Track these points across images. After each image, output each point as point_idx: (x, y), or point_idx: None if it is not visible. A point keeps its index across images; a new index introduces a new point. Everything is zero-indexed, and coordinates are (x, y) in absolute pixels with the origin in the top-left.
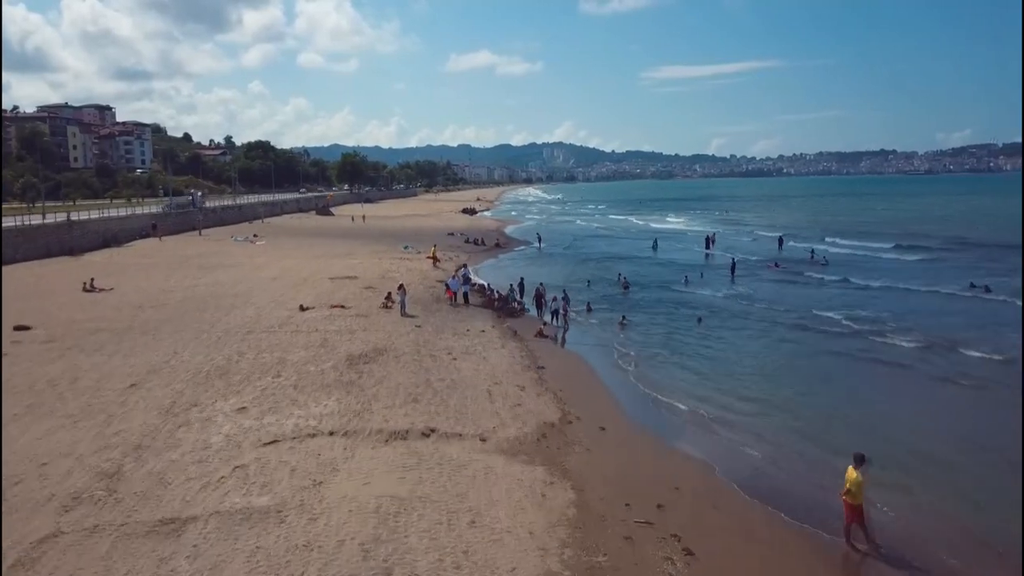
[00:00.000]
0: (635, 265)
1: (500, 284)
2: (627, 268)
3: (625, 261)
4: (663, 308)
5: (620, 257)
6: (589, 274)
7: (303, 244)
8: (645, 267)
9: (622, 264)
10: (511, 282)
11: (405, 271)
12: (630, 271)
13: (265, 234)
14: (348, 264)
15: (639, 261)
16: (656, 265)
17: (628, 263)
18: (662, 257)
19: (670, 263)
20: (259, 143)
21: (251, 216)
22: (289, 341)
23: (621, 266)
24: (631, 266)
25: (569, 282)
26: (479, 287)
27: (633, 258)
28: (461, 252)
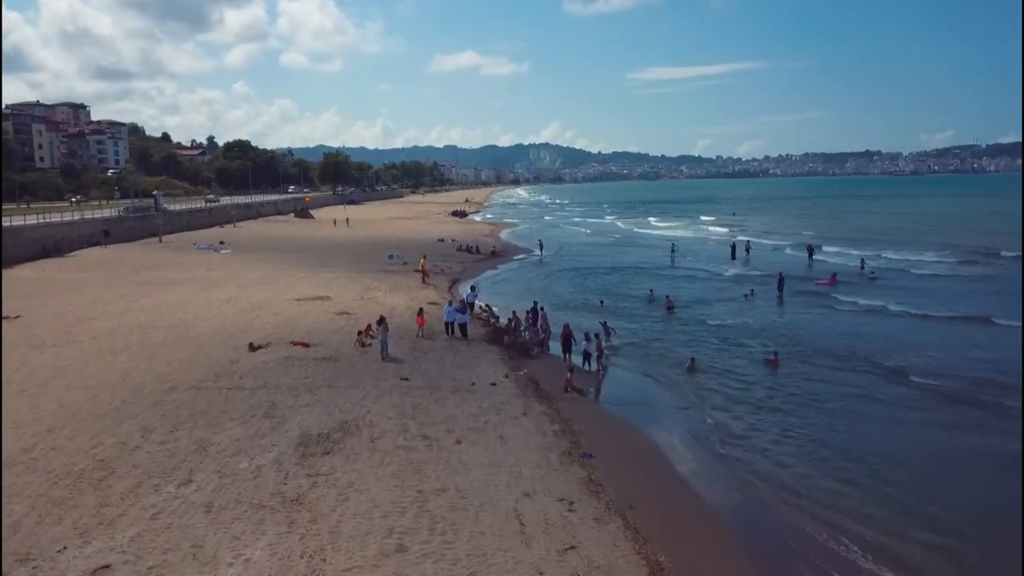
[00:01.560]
0: (657, 279)
1: (505, 305)
2: (650, 283)
3: (643, 273)
4: (720, 341)
5: (636, 267)
6: (603, 289)
7: (274, 253)
8: (670, 281)
9: (640, 277)
10: (521, 308)
11: (388, 288)
12: (655, 287)
13: (235, 240)
14: (322, 280)
15: (659, 273)
16: (684, 279)
17: (648, 276)
18: (684, 267)
19: (696, 275)
20: (238, 142)
21: (223, 220)
22: (222, 406)
23: (641, 280)
24: (652, 280)
25: (581, 299)
26: (485, 312)
27: (651, 269)
28: (454, 262)
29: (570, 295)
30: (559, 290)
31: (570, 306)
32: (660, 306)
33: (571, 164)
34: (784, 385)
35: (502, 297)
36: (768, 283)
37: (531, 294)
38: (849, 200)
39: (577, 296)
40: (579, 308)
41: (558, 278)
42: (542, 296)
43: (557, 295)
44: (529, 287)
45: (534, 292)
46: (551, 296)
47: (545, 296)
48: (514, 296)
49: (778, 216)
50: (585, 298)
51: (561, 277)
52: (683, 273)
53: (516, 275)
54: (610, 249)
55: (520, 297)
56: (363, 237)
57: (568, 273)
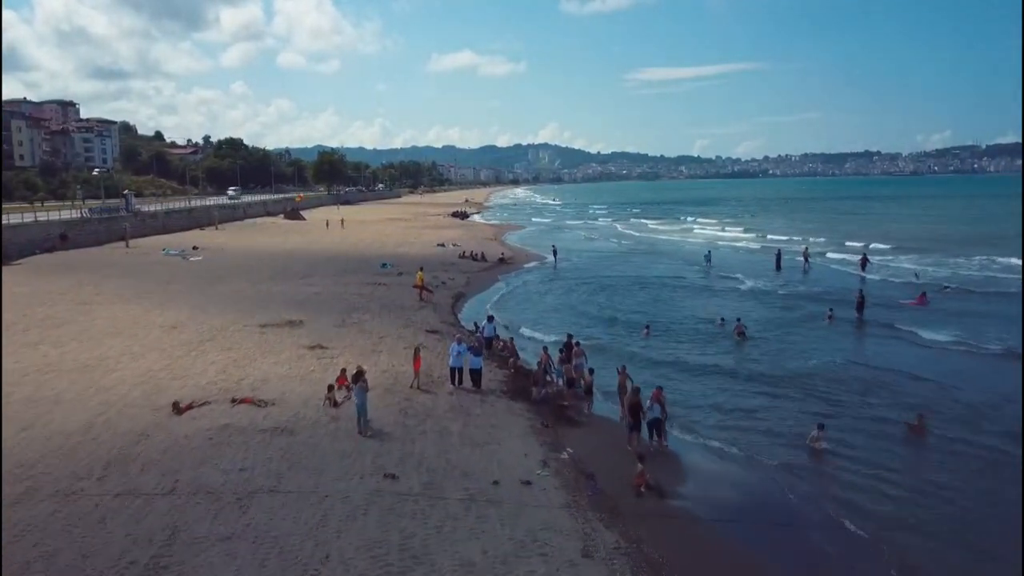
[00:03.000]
0: (698, 295)
1: (523, 331)
2: (691, 300)
3: (679, 288)
4: (829, 389)
5: (668, 280)
6: (640, 308)
7: (251, 261)
8: (720, 300)
9: (678, 293)
10: (543, 332)
11: (378, 308)
12: (699, 305)
13: (211, 245)
14: (298, 296)
15: (698, 288)
16: (733, 296)
17: (687, 292)
18: (725, 281)
19: (744, 291)
20: (230, 140)
21: (204, 221)
22: (83, 542)
23: (681, 297)
24: (693, 297)
25: (616, 322)
26: (503, 347)
27: (686, 283)
28: (457, 272)
29: (601, 316)
30: (585, 308)
31: (606, 333)
32: (727, 334)
33: (570, 164)
34: (960, 478)
35: (517, 317)
36: (826, 300)
37: (555, 316)
38: (867, 202)
39: (609, 317)
40: (618, 337)
41: (580, 294)
42: (566, 318)
43: (584, 316)
44: (549, 305)
45: (556, 312)
46: (578, 319)
47: (570, 319)
48: (533, 317)
49: (800, 218)
50: (621, 321)
51: (583, 292)
52: (726, 287)
53: (531, 289)
54: (633, 257)
55: (542, 321)
56: (355, 241)
57: (590, 287)
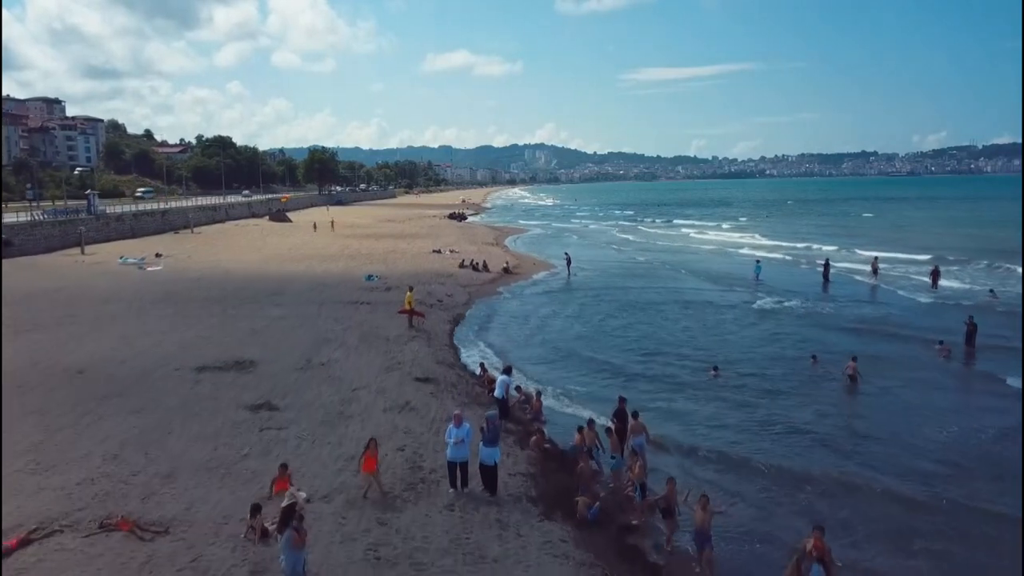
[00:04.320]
0: (752, 317)
1: (546, 381)
2: (754, 328)
3: (725, 306)
4: None
5: (706, 296)
6: (688, 340)
7: (214, 273)
8: (794, 327)
9: (723, 312)
10: (580, 389)
11: (356, 340)
12: (762, 333)
13: (180, 251)
14: (261, 317)
15: (745, 307)
16: (800, 323)
17: (738, 313)
18: (769, 296)
19: (799, 312)
20: (218, 139)
21: (179, 224)
22: None
23: (732, 320)
24: (750, 320)
25: (657, 356)
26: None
27: (729, 298)
28: (455, 285)
29: (640, 348)
30: (616, 335)
31: (654, 375)
32: (825, 377)
33: (566, 164)
34: None
35: (531, 352)
36: (909, 326)
37: (581, 348)
38: (877, 203)
39: (651, 351)
40: (672, 381)
41: (605, 315)
42: (597, 352)
43: (619, 348)
44: (571, 332)
45: (582, 341)
46: (611, 352)
47: (602, 352)
48: (552, 351)
49: (818, 222)
50: (668, 354)
51: (608, 313)
52: (776, 306)
53: (543, 309)
54: (658, 268)
55: (565, 357)
56: (341, 246)
57: (614, 306)
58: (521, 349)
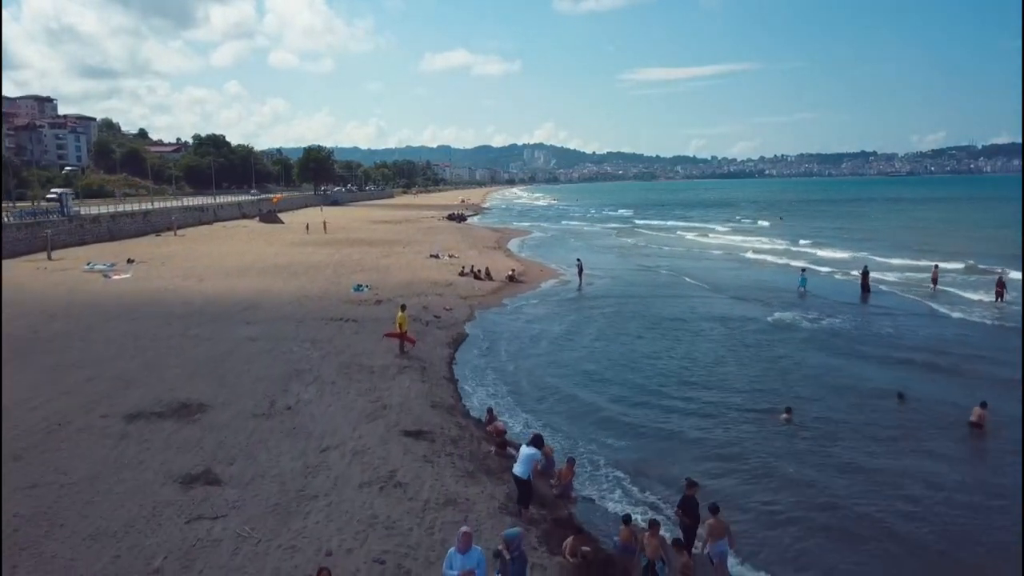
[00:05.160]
0: (798, 339)
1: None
2: (815, 355)
3: (772, 328)
4: None
5: (745, 310)
6: (738, 365)
7: (187, 282)
8: (823, 351)
9: (772, 335)
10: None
11: (335, 371)
12: (829, 363)
13: (155, 256)
14: (225, 339)
15: (792, 327)
16: (844, 349)
17: (785, 334)
18: (806, 311)
19: (852, 337)
20: (211, 137)
21: (162, 225)
22: None
23: (783, 342)
24: (799, 343)
25: (701, 390)
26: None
27: (771, 315)
28: (454, 296)
29: (681, 378)
30: (645, 361)
31: (704, 415)
32: (925, 421)
33: (565, 164)
34: None
35: (551, 389)
36: (990, 353)
37: (609, 378)
38: (886, 204)
39: (696, 382)
40: (729, 426)
41: (629, 335)
42: (633, 389)
43: (661, 385)
44: (594, 361)
45: (615, 369)
46: (652, 391)
47: (639, 389)
48: (573, 387)
49: (834, 225)
50: (713, 387)
51: (633, 332)
52: (838, 329)
53: (556, 326)
54: (679, 279)
55: (590, 397)
56: (329, 252)
57: (638, 323)
58: (536, 383)
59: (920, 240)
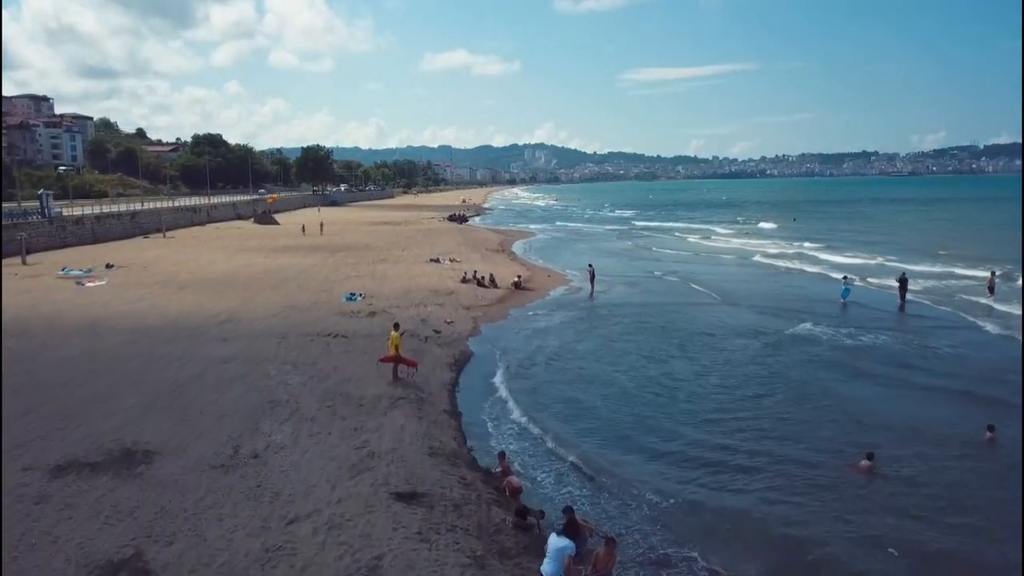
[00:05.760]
0: (875, 367)
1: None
2: (880, 380)
3: (813, 340)
4: None
5: (777, 323)
6: (801, 409)
7: (166, 291)
8: (879, 384)
9: (815, 349)
10: None
11: (315, 405)
12: (901, 394)
13: (135, 262)
14: (196, 361)
15: (860, 350)
16: (934, 373)
17: (856, 360)
18: (884, 334)
19: (934, 357)
20: (208, 136)
21: (151, 227)
22: None
23: (826, 357)
24: (874, 372)
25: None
26: None
27: (820, 333)
28: (456, 306)
29: (731, 424)
30: (694, 399)
31: (779, 476)
32: None
33: (566, 164)
34: None
35: (574, 431)
36: None
37: (646, 421)
38: (897, 205)
39: (748, 421)
40: (825, 489)
41: (663, 362)
42: (671, 434)
43: (703, 422)
44: (621, 391)
45: (647, 412)
46: (694, 431)
47: (679, 430)
48: (602, 435)
49: (849, 227)
50: (779, 434)
51: (665, 354)
52: (892, 348)
53: (572, 343)
54: (699, 287)
55: (625, 450)
56: (322, 257)
57: (666, 342)
58: (556, 417)
59: (940, 243)
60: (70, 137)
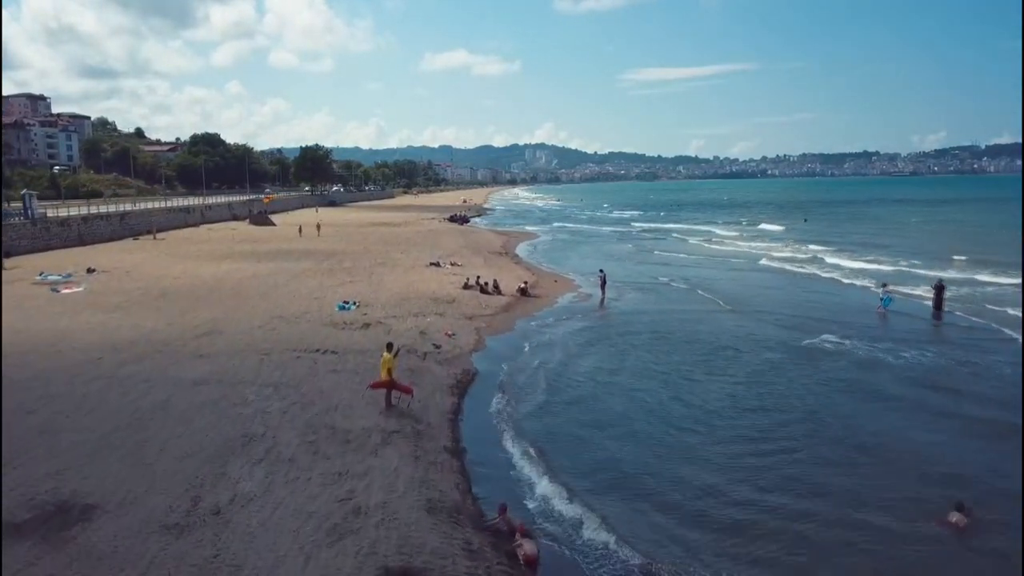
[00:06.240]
0: (937, 393)
1: None
2: (946, 408)
3: (866, 362)
4: None
5: (809, 335)
6: (873, 448)
7: (146, 299)
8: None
9: (866, 371)
10: None
11: (295, 441)
12: (969, 425)
13: (119, 267)
14: (165, 382)
15: (920, 373)
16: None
17: (917, 386)
18: (934, 352)
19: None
20: (205, 136)
21: (141, 228)
22: None
23: (885, 380)
24: (940, 400)
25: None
26: None
27: (862, 351)
28: (457, 316)
29: (789, 472)
30: (735, 437)
31: (855, 534)
32: None
33: (567, 164)
34: None
35: (596, 484)
36: None
37: (689, 464)
38: (906, 206)
39: (805, 465)
40: (914, 555)
41: (692, 383)
42: (715, 491)
43: (753, 471)
44: (648, 424)
45: (687, 452)
46: (745, 486)
47: (727, 486)
48: (628, 489)
49: (868, 229)
50: (847, 487)
51: (686, 372)
52: (952, 371)
53: (586, 359)
54: (718, 296)
55: (662, 511)
56: (316, 261)
57: (689, 356)
58: (574, 452)
59: (955, 246)
60: (66, 137)
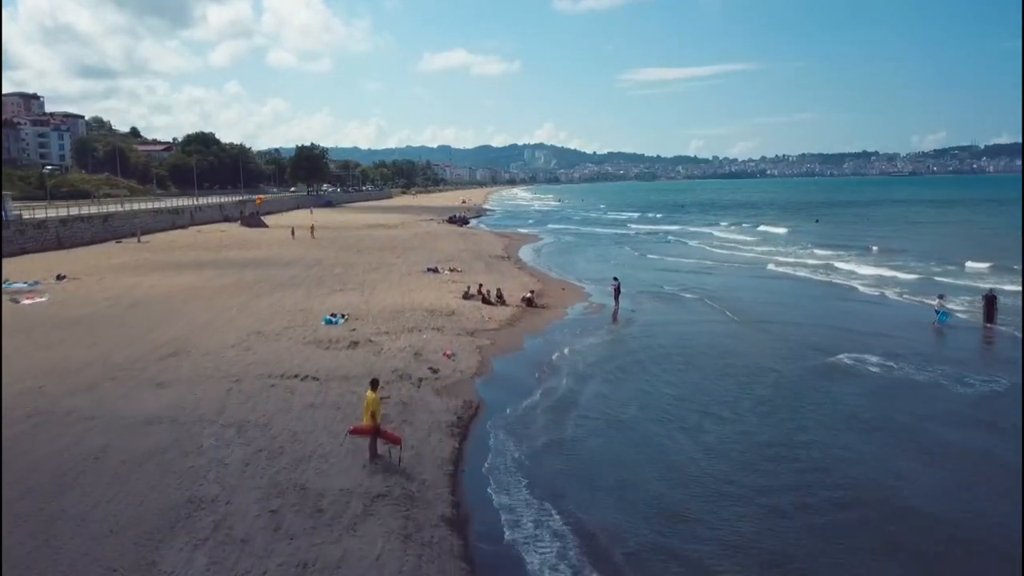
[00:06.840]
0: None
1: None
2: None
3: (925, 398)
4: None
5: (857, 353)
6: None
7: (112, 311)
8: None
9: (937, 400)
10: None
11: (255, 509)
12: None
13: (96, 270)
14: (116, 422)
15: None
16: None
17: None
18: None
19: None
20: (199, 135)
21: (126, 231)
22: None
23: (967, 409)
24: None
25: None
26: None
27: (918, 374)
28: (458, 330)
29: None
30: (815, 503)
31: None
32: None
33: (566, 164)
34: None
35: None
36: None
37: None
38: (913, 207)
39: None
40: None
41: (735, 419)
42: None
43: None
44: (698, 480)
45: (765, 536)
46: None
47: None
48: None
49: (884, 233)
50: None
51: (717, 397)
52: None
53: (608, 388)
54: (742, 309)
55: None
56: (306, 267)
57: (727, 381)
58: (601, 515)
59: (973, 250)
60: (58, 136)
